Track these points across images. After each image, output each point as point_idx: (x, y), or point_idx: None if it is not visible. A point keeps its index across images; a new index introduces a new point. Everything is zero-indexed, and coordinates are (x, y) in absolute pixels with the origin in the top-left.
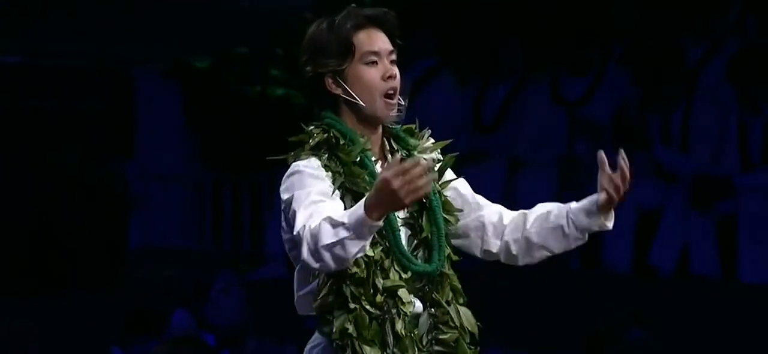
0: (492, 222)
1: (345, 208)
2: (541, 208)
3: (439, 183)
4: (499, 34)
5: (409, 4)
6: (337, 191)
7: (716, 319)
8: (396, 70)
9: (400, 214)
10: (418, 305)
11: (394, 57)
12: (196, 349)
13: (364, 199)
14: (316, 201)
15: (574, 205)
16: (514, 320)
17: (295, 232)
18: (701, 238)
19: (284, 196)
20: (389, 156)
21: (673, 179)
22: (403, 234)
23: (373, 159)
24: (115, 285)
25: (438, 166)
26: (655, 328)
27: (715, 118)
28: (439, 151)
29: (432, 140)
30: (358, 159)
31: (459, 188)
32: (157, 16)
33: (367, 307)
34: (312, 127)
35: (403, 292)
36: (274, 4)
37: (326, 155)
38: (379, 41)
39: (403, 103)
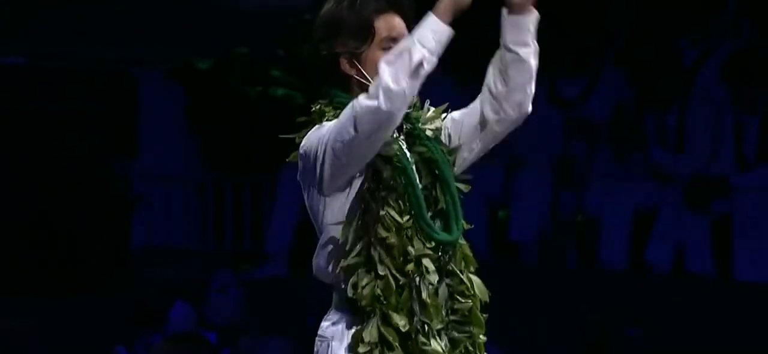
0: (478, 109)
1: (366, 178)
2: (491, 64)
3: (446, 150)
4: (497, 36)
5: None
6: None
7: (711, 316)
8: None
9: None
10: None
11: None
12: (197, 347)
13: (428, 13)
14: None
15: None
16: (511, 318)
17: (339, 121)
18: (697, 236)
19: (311, 143)
20: (394, 132)
21: (668, 179)
22: None
23: None
24: (117, 284)
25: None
26: (652, 326)
27: (710, 119)
28: (440, 117)
29: (432, 109)
30: None
31: (452, 123)
32: (159, 18)
33: (396, 273)
34: (320, 106)
35: (427, 261)
36: (274, 5)
37: None
38: (398, 27)
39: None
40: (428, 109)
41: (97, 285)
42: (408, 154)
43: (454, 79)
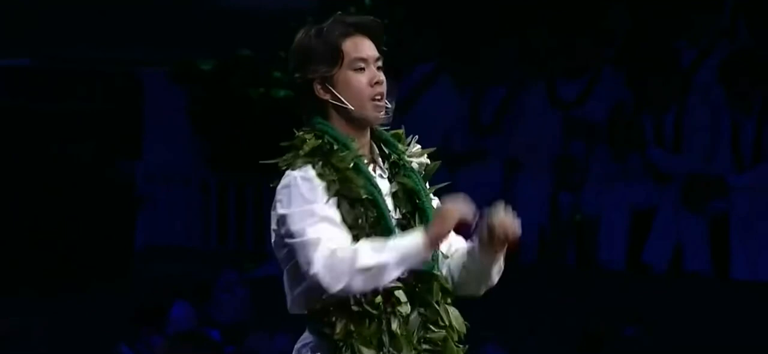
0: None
1: (341, 215)
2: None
3: (428, 187)
4: (497, 37)
5: (409, 8)
6: (331, 200)
7: (709, 315)
8: (382, 76)
9: (395, 216)
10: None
11: (380, 63)
12: (201, 345)
13: (419, 230)
14: (324, 218)
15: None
16: (509, 317)
17: (302, 241)
18: (694, 236)
19: (281, 209)
20: (379, 160)
21: (666, 179)
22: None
23: (365, 161)
24: (121, 284)
25: (424, 170)
26: (649, 325)
27: (707, 119)
28: (426, 155)
29: (419, 146)
30: (352, 165)
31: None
32: (163, 20)
33: (367, 307)
34: (302, 133)
35: (399, 293)
36: (277, 7)
37: (321, 163)
38: (366, 48)
39: (389, 105)
40: (415, 145)
41: (101, 285)
42: (381, 185)
43: (453, 79)
